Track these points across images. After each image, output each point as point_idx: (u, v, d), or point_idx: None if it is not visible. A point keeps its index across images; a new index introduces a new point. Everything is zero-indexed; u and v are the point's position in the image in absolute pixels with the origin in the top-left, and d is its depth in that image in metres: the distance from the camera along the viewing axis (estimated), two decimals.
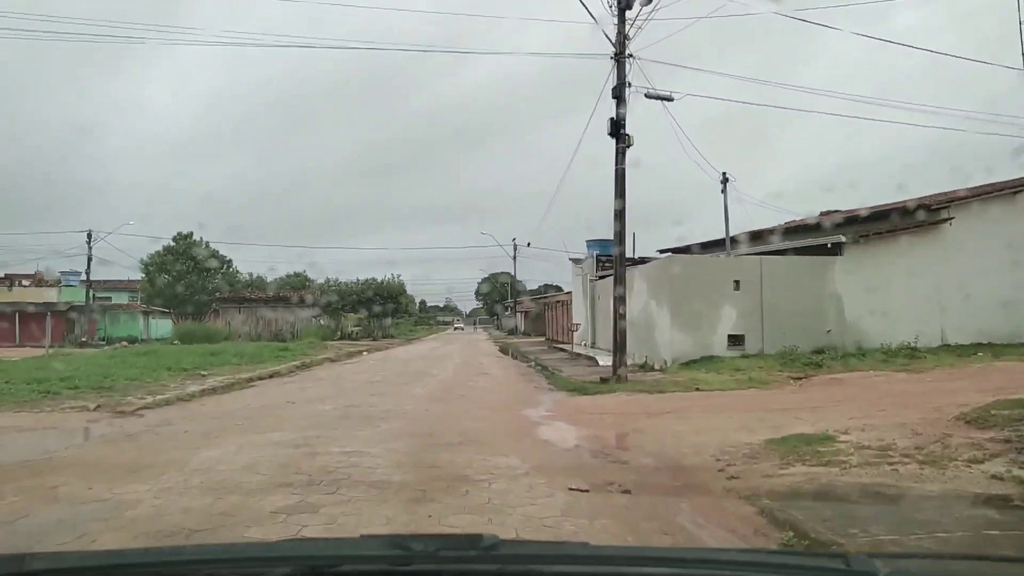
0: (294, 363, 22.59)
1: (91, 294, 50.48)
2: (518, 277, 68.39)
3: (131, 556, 1.95)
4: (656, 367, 17.69)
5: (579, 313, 30.82)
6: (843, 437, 7.45)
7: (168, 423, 10.21)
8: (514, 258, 61.58)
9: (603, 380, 14.92)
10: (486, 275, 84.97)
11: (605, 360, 19.92)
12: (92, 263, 48.40)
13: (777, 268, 18.13)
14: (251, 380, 17.31)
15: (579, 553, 1.79)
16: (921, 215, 18.87)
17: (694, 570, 1.62)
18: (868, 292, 17.91)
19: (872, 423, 8.20)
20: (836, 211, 23.42)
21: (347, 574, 1.52)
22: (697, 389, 13.22)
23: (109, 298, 56.07)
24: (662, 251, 27.56)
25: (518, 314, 65.94)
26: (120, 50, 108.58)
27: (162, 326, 49.42)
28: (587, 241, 30.92)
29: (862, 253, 18.37)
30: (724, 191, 23.55)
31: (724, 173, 24.07)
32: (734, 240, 23.49)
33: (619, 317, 15.05)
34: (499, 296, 79.78)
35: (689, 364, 16.82)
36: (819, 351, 16.94)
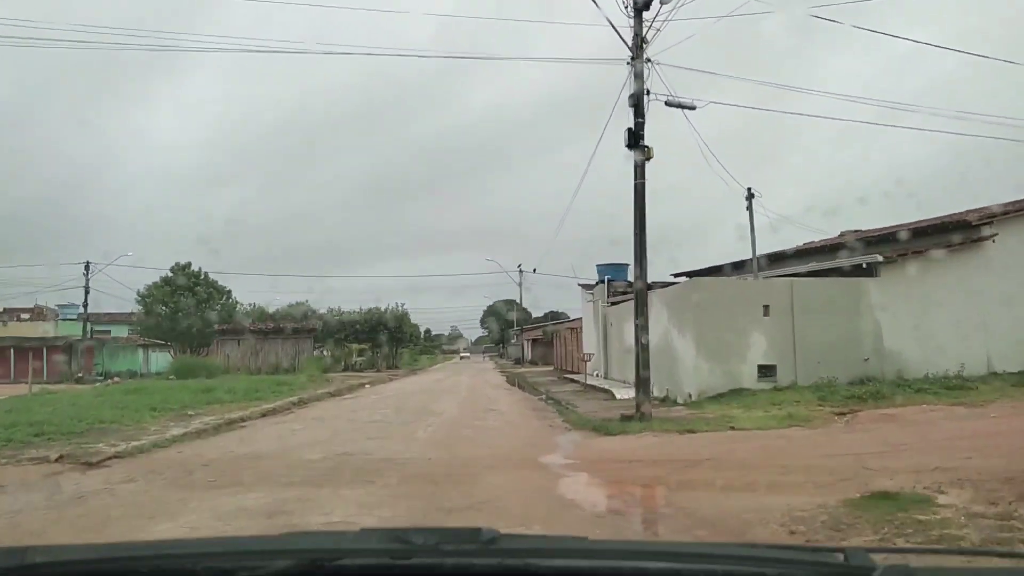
0: (290, 399, 21.19)
1: (88, 327, 49.28)
2: (524, 304, 67.11)
3: (132, 549, 1.91)
4: (679, 401, 16.27)
5: (590, 341, 29.40)
6: (941, 498, 6.07)
7: (132, 479, 8.86)
8: (520, 285, 60.40)
9: (625, 417, 13.50)
10: (491, 303, 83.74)
11: (622, 393, 18.51)
12: (90, 295, 47.46)
13: (809, 291, 16.74)
14: (241, 420, 15.96)
15: (578, 547, 1.74)
16: (961, 232, 17.56)
17: (692, 564, 1.59)
18: (907, 316, 16.52)
19: (966, 476, 6.79)
20: (863, 230, 22.14)
21: (348, 567, 1.51)
22: (732, 428, 11.81)
23: (108, 331, 54.90)
24: (676, 275, 26.19)
25: (525, 342, 64.55)
26: (122, 81, 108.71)
27: (162, 359, 48.07)
28: (598, 266, 29.61)
29: (899, 274, 17.00)
30: (749, 207, 22.20)
31: (749, 188, 22.73)
32: (757, 261, 22.15)
33: (641, 348, 13.66)
34: (505, 324, 78.36)
35: (716, 398, 15.39)
36: (857, 382, 15.52)
